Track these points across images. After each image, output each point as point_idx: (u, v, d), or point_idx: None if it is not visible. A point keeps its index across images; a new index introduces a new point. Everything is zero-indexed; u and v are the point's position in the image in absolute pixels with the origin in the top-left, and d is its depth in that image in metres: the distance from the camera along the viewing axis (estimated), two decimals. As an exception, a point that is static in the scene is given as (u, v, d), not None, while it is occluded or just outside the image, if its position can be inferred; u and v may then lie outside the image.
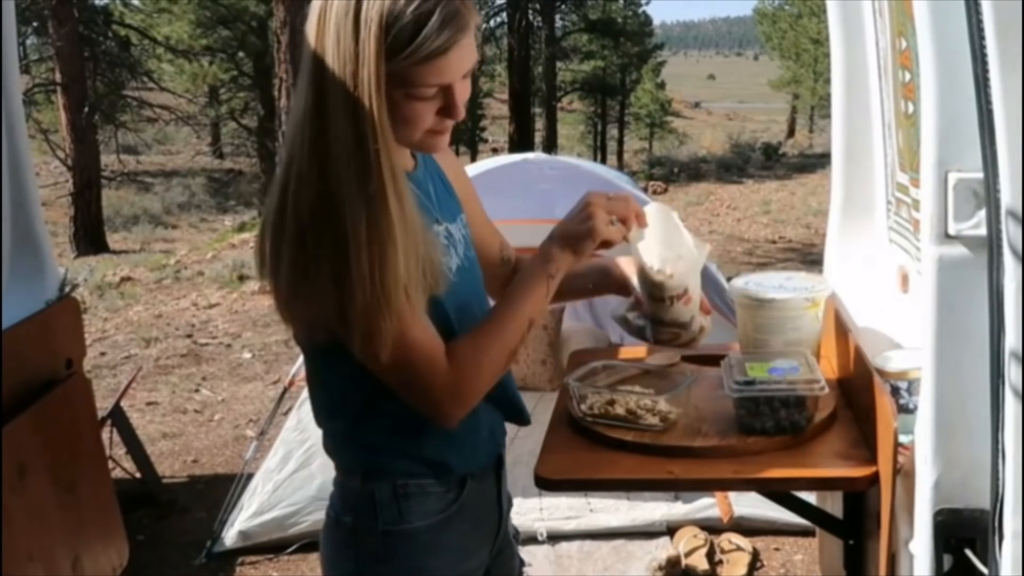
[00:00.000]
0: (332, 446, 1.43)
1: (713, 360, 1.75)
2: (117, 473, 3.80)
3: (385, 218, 1.21)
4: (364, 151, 1.21)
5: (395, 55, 1.20)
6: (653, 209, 1.47)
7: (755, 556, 3.28)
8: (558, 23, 23.36)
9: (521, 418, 1.54)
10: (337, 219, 1.21)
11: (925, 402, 1.16)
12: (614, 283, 1.61)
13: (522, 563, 1.65)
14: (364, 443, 1.38)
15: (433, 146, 1.35)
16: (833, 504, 1.75)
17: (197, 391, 5.57)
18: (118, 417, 3.89)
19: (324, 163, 1.21)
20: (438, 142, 1.34)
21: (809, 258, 9.07)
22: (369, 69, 1.19)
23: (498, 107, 21.78)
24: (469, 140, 22.87)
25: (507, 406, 1.50)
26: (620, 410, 1.55)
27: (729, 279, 1.90)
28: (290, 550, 3.39)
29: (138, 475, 3.94)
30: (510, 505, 1.60)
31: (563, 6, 23.36)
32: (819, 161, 19.21)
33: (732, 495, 3.37)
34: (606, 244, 1.38)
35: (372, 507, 1.37)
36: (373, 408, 1.35)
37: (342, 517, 1.41)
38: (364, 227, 1.20)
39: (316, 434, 3.46)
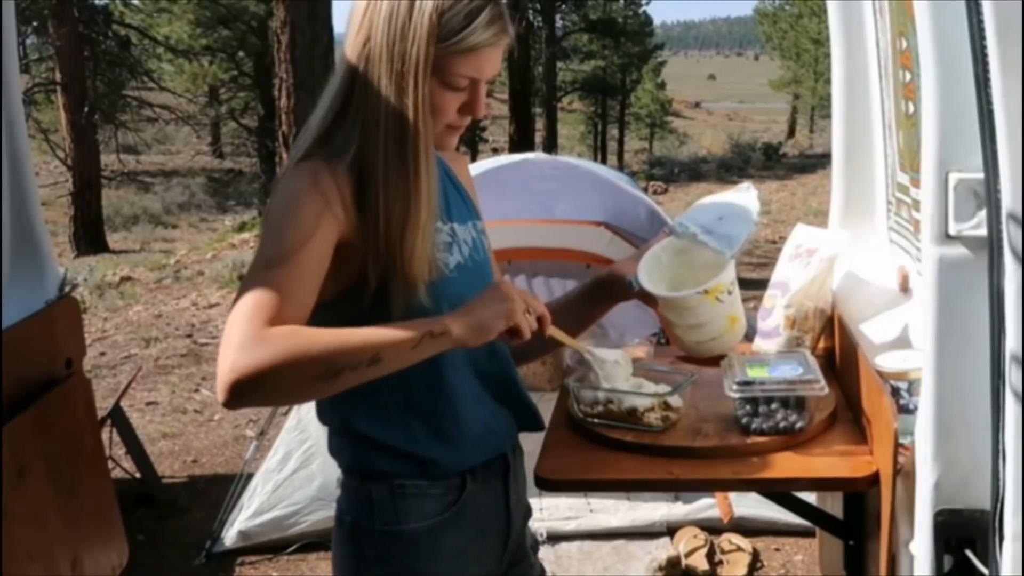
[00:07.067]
0: (332, 445, 1.43)
1: (713, 360, 1.75)
2: (117, 473, 3.80)
3: (416, 195, 1.27)
4: (406, 127, 1.25)
5: (442, 41, 1.25)
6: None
7: (755, 556, 3.27)
8: (558, 23, 23.37)
9: (534, 422, 1.51)
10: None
11: (925, 402, 1.16)
12: (618, 290, 1.60)
13: (542, 572, 1.60)
14: (358, 437, 1.37)
15: (447, 143, 1.37)
16: (833, 504, 1.74)
17: (197, 391, 5.57)
18: (118, 417, 3.89)
19: (363, 139, 1.27)
20: (452, 139, 1.37)
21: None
22: (419, 49, 1.24)
23: (498, 107, 21.78)
24: (469, 140, 22.83)
25: (517, 406, 1.47)
26: (620, 410, 1.55)
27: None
28: (290, 550, 3.39)
29: (138, 475, 3.94)
30: (528, 515, 1.56)
31: (563, 6, 23.37)
32: (819, 161, 19.24)
33: (732, 495, 3.37)
34: (515, 333, 1.29)
35: (370, 507, 1.37)
36: (365, 394, 1.28)
37: (344, 516, 1.41)
38: (398, 201, 1.26)
39: (316, 434, 3.48)
